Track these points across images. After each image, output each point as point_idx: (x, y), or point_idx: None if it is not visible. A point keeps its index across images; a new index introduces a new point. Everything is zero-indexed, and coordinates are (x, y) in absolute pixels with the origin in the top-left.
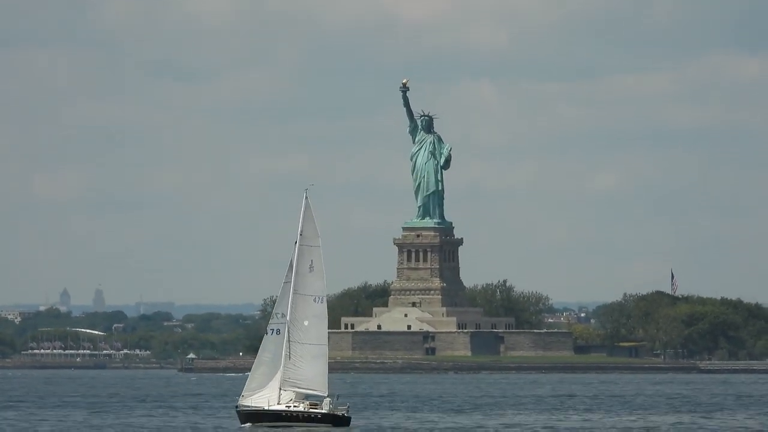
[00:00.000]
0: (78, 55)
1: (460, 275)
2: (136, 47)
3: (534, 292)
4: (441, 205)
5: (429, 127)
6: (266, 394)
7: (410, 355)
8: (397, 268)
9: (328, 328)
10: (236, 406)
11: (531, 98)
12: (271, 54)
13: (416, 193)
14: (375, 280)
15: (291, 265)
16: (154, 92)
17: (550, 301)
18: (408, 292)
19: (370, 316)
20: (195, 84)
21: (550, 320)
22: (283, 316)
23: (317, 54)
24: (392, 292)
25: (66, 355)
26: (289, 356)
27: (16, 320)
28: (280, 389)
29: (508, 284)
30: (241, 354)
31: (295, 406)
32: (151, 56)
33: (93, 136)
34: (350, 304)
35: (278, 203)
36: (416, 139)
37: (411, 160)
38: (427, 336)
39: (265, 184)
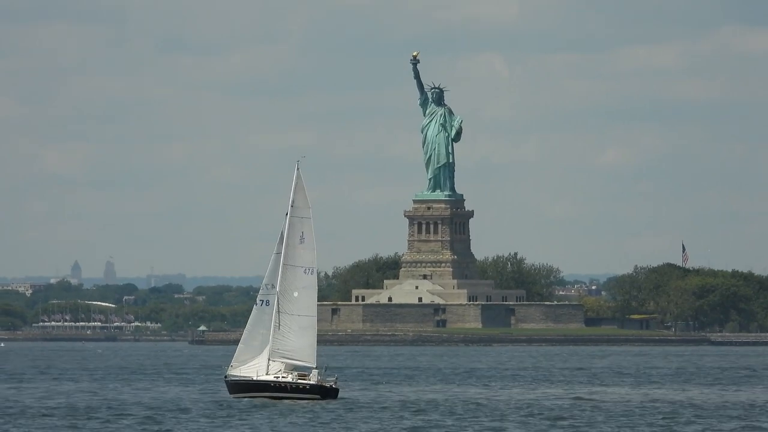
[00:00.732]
0: (87, 30)
1: (471, 248)
2: (145, 22)
3: (545, 264)
4: (452, 178)
5: (440, 100)
6: (255, 365)
7: (421, 327)
8: (408, 241)
9: (339, 301)
10: (225, 377)
11: (541, 72)
12: (281, 28)
13: (427, 165)
14: (386, 252)
15: (282, 237)
16: (163, 67)
17: (561, 274)
18: (419, 265)
19: (381, 288)
20: (204, 58)
21: (560, 292)
22: (273, 287)
23: (327, 28)
24: (403, 265)
25: (77, 327)
26: (278, 327)
27: (27, 293)
28: (269, 360)
29: (518, 256)
30: None
31: (283, 377)
32: (160, 31)
33: (102, 110)
34: (361, 277)
35: (288, 177)
36: (427, 112)
37: (422, 132)
38: (437, 308)
39: (274, 158)
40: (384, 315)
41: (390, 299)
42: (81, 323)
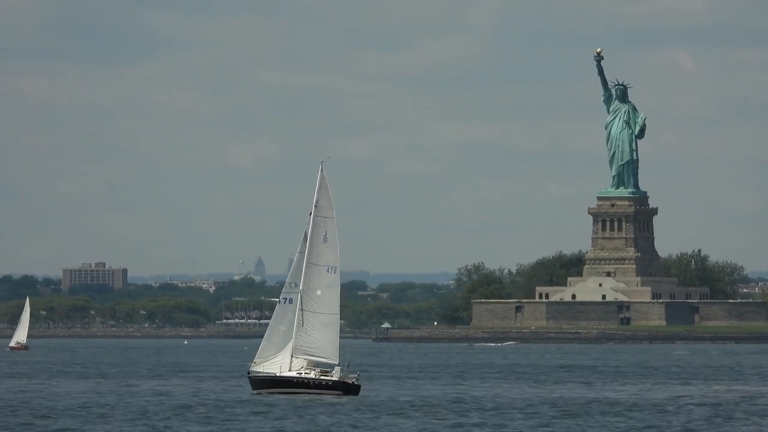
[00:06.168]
0: (274, 22)
1: (655, 245)
2: (331, 15)
3: (729, 261)
4: (635, 175)
5: (623, 97)
6: (278, 361)
7: (605, 324)
8: (592, 238)
9: (523, 298)
10: (248, 373)
11: (727, 65)
12: (464, 22)
13: (611, 162)
14: (569, 249)
15: (305, 236)
16: (348, 60)
17: (745, 271)
18: (602, 262)
19: (565, 285)
20: (388, 51)
21: (744, 290)
22: (296, 285)
23: (510, 21)
24: (587, 262)
25: (260, 324)
26: (301, 324)
27: (210, 290)
28: (292, 356)
29: (702, 254)
30: (435, 323)
31: (306, 373)
32: (346, 24)
33: (286, 104)
34: (545, 274)
35: (469, 170)
36: (610, 109)
37: (605, 129)
38: (621, 306)
39: (456, 151)
40: (567, 312)
41: (574, 297)
42: (264, 320)
